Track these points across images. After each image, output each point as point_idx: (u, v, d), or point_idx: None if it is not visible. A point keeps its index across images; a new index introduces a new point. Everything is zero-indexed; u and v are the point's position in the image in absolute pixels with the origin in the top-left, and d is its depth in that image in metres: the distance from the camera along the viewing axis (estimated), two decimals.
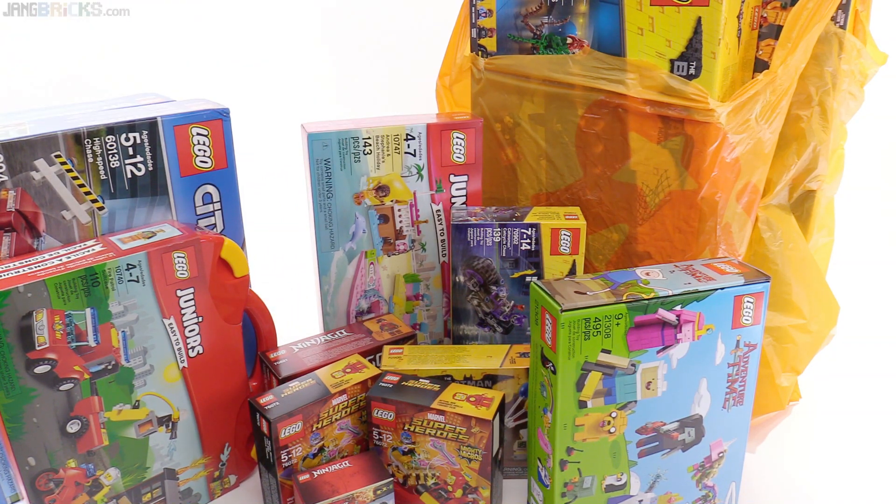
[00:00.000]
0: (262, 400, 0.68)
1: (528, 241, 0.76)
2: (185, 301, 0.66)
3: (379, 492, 0.66)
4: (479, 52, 0.85)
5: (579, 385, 0.60)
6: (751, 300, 0.62)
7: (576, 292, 0.60)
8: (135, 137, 0.66)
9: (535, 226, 0.76)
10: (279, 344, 0.81)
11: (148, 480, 0.70)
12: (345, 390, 0.70)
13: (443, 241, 0.87)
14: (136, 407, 0.67)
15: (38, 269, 0.59)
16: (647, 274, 0.63)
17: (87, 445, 0.64)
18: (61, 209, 0.65)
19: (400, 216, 0.84)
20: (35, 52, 1.30)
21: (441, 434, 0.68)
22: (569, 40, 0.78)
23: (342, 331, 0.82)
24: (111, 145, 0.65)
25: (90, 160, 0.64)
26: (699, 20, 0.67)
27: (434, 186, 0.84)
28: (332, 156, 0.79)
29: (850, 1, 0.72)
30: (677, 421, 0.64)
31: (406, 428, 0.69)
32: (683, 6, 0.68)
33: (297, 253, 1.11)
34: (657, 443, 0.64)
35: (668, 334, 0.60)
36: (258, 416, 0.68)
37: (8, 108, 0.75)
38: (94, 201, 0.66)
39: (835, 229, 0.86)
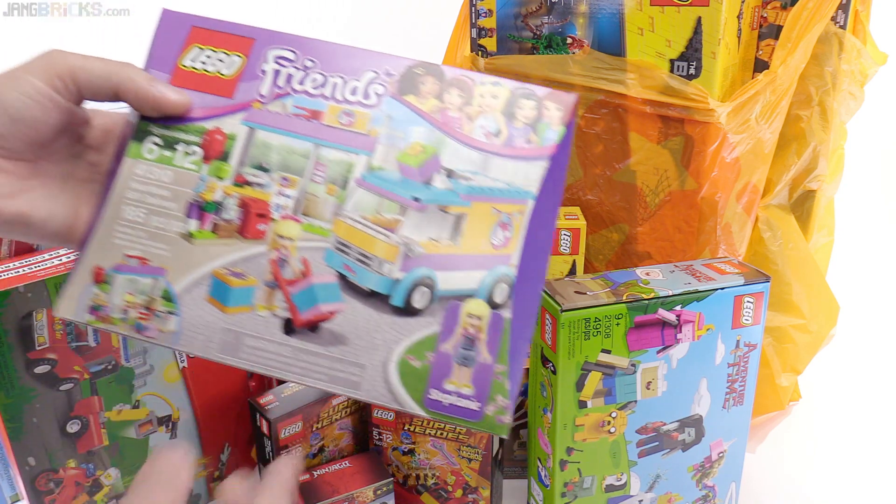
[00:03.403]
0: (262, 400, 0.68)
1: None
2: None
3: (379, 492, 0.66)
4: (479, 52, 0.85)
5: (579, 385, 0.60)
6: (751, 300, 0.62)
7: (576, 292, 0.60)
8: None
9: None
10: None
11: None
12: None
13: None
14: (136, 407, 0.67)
15: (38, 269, 0.59)
16: (647, 274, 0.63)
17: (87, 445, 0.64)
18: None
19: None
20: (35, 52, 1.30)
21: (441, 434, 0.68)
22: (569, 40, 0.78)
23: None
24: None
25: None
26: (699, 20, 0.67)
27: None
28: None
29: (850, 1, 0.72)
30: (677, 421, 0.64)
31: (406, 428, 0.69)
32: (683, 6, 0.68)
33: None
34: (657, 443, 0.64)
35: (668, 334, 0.60)
36: (258, 416, 0.68)
37: None
38: None
39: (835, 229, 0.86)
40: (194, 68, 0.45)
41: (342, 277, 0.42)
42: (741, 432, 0.67)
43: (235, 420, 0.75)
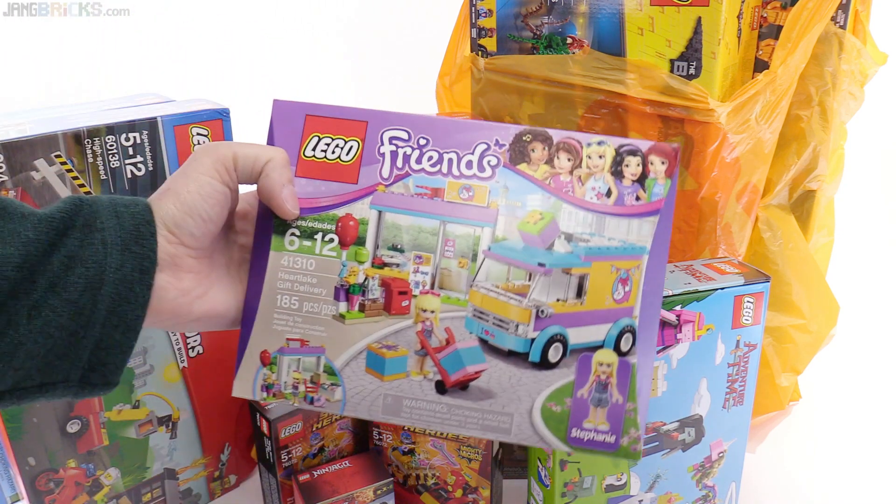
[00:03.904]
0: None
1: None
2: None
3: (379, 492, 0.66)
4: (479, 52, 0.85)
5: None
6: (751, 300, 0.62)
7: None
8: (135, 137, 0.66)
9: None
10: None
11: (148, 480, 0.70)
12: None
13: None
14: (136, 407, 0.67)
15: None
16: None
17: (87, 445, 0.64)
18: None
19: None
20: (35, 52, 1.30)
21: (441, 434, 0.68)
22: (569, 40, 0.78)
23: None
24: (111, 145, 0.65)
25: (90, 160, 0.64)
26: (699, 20, 0.67)
27: None
28: None
29: (850, 1, 0.72)
30: (677, 421, 0.64)
31: (406, 428, 0.69)
32: (683, 6, 0.68)
33: None
34: (657, 443, 0.64)
35: (668, 334, 0.60)
36: (258, 416, 0.68)
37: (8, 108, 0.75)
38: None
39: (835, 229, 0.86)
40: (315, 157, 0.47)
41: (483, 341, 0.46)
42: (741, 432, 0.67)
43: (235, 420, 0.75)
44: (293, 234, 0.47)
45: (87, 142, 0.64)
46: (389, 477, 0.67)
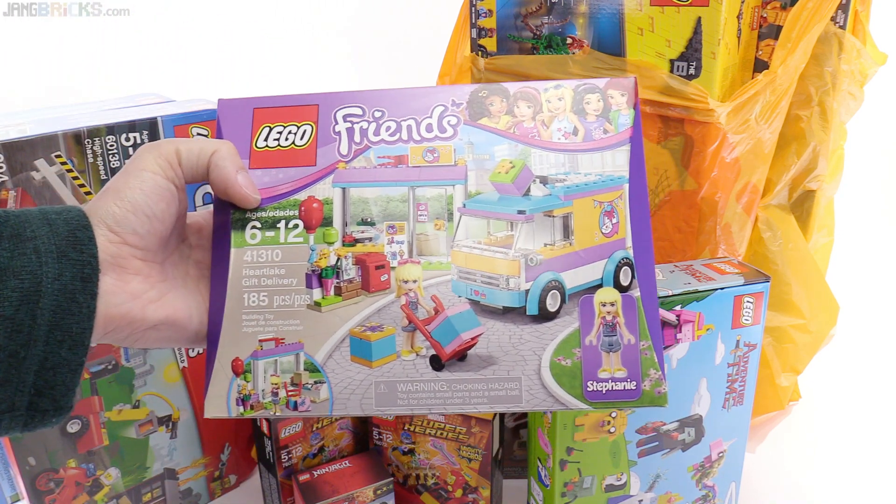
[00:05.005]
0: None
1: None
2: None
3: (379, 492, 0.66)
4: (479, 53, 0.85)
5: None
6: (751, 300, 0.62)
7: None
8: (135, 137, 0.66)
9: None
10: None
11: (148, 480, 0.70)
12: None
13: None
14: (136, 407, 0.67)
15: None
16: None
17: (87, 445, 0.65)
18: None
19: None
20: (35, 52, 1.30)
21: (441, 434, 0.68)
22: (569, 40, 0.78)
23: None
24: (111, 145, 0.65)
25: (90, 160, 0.64)
26: (699, 20, 0.67)
27: None
28: None
29: (850, 1, 0.72)
30: (677, 421, 0.64)
31: (406, 428, 0.69)
32: (683, 6, 0.68)
33: None
34: (657, 443, 0.64)
35: (668, 334, 0.60)
36: None
37: (8, 108, 0.75)
38: None
39: (835, 229, 0.86)
40: (268, 146, 0.46)
41: (474, 303, 0.43)
42: (741, 432, 0.67)
43: (235, 420, 0.75)
44: (254, 226, 0.44)
45: (88, 142, 0.64)
46: (389, 477, 0.67)
